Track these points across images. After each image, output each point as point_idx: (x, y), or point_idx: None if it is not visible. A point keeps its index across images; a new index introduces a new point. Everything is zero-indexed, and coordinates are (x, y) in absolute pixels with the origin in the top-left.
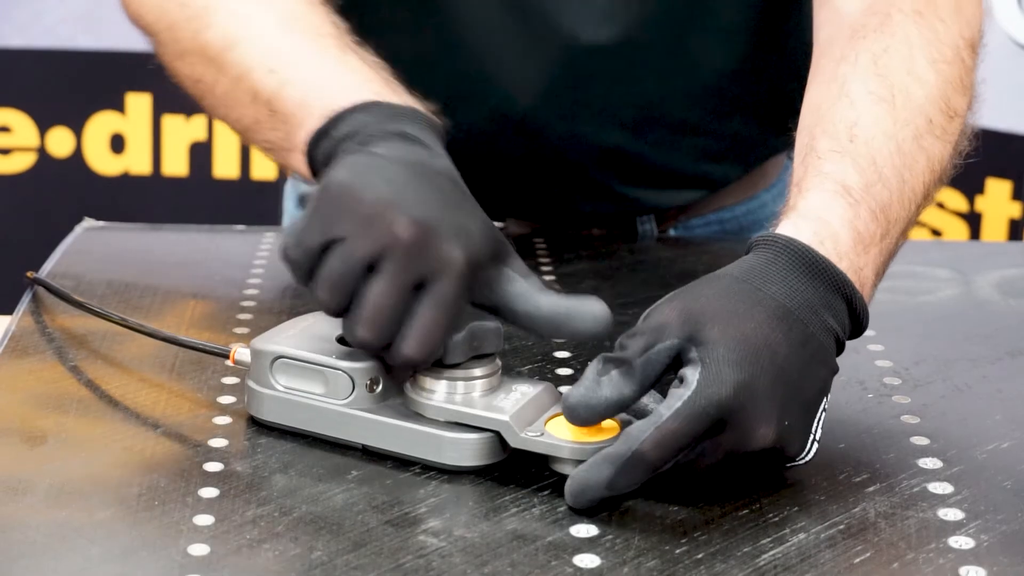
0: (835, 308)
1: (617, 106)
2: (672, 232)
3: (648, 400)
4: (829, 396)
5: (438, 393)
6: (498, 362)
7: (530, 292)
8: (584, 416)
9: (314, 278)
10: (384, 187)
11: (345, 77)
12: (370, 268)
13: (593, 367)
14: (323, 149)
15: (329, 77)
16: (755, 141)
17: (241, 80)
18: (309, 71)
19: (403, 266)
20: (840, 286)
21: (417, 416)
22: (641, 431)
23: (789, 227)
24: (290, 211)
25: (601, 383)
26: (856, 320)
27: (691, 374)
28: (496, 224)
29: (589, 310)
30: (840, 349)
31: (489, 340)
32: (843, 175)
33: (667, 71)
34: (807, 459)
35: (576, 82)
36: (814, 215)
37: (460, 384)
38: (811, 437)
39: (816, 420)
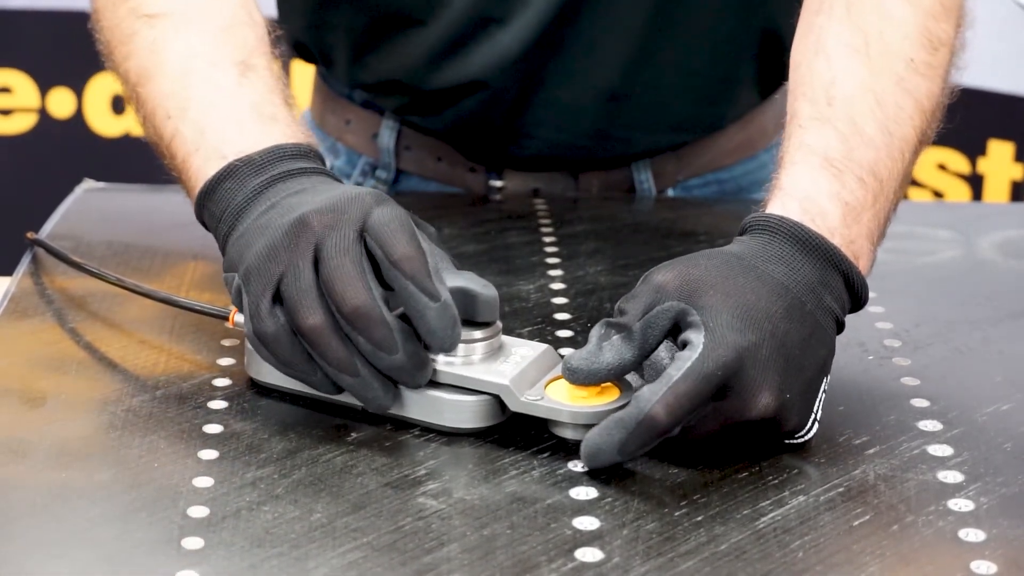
0: (833, 286)
1: (610, 46)
2: (671, 192)
3: (664, 353)
4: (829, 377)
5: (438, 356)
6: (499, 325)
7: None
8: (584, 380)
9: (299, 326)
10: (275, 220)
11: (220, 130)
12: (317, 272)
13: (596, 331)
14: (210, 224)
15: (207, 131)
16: (749, 82)
17: (149, 119)
18: (192, 124)
19: (335, 229)
20: (836, 262)
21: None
22: (653, 393)
23: (777, 206)
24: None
25: (603, 348)
26: (855, 294)
27: (695, 337)
28: (496, 182)
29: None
30: (840, 329)
31: (483, 310)
32: (824, 145)
33: (660, 8)
34: (806, 437)
35: (569, 22)
36: (800, 193)
37: (460, 347)
38: (812, 416)
39: (817, 400)
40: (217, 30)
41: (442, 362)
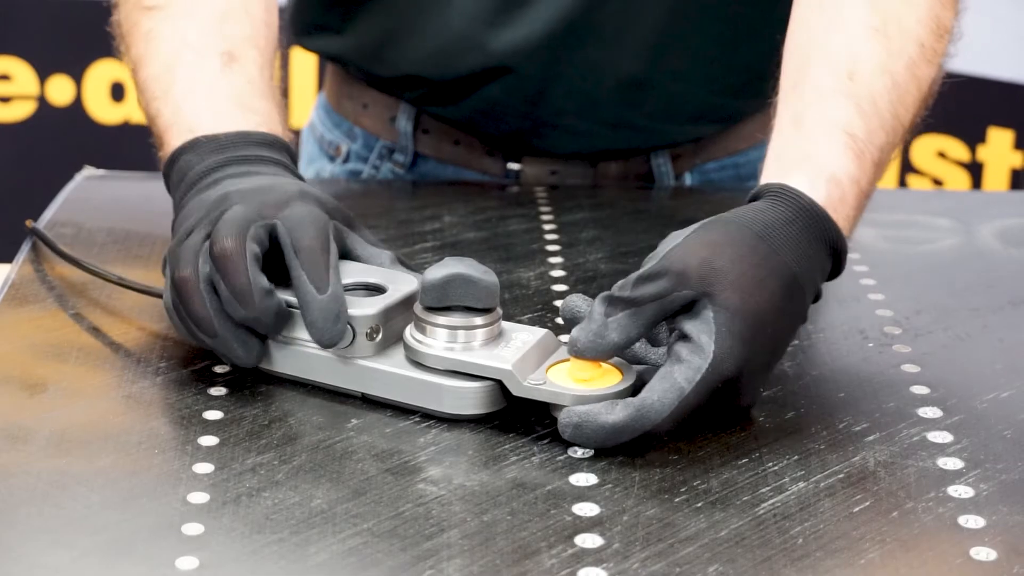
0: (825, 268)
1: (632, 32)
2: (688, 177)
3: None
4: None
5: (438, 342)
6: (499, 311)
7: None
8: (591, 358)
9: (172, 280)
10: (209, 197)
11: (195, 112)
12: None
13: (599, 308)
14: (170, 192)
15: (182, 111)
16: (769, 75)
17: (142, 101)
18: (172, 104)
19: (245, 203)
20: (840, 252)
21: (417, 365)
22: (663, 405)
23: (804, 182)
24: (309, 152)
25: (609, 326)
26: (834, 273)
27: (706, 341)
28: (513, 165)
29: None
30: (815, 299)
31: (483, 296)
32: (850, 122)
33: None
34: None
35: (592, 7)
36: (828, 172)
37: (460, 333)
38: None
39: None
40: (208, 21)
41: (442, 348)
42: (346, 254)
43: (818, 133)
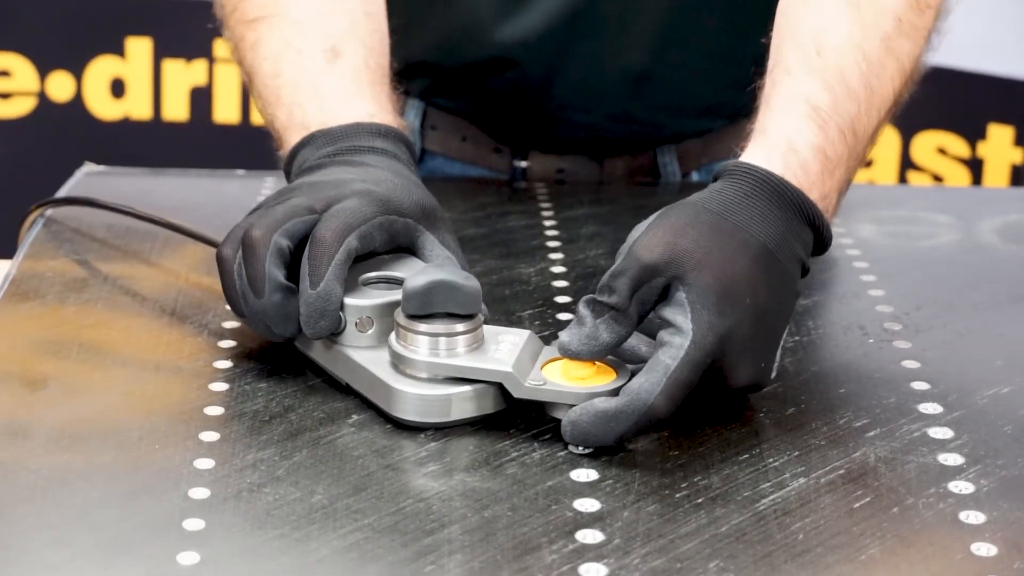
0: (804, 238)
1: (637, 25)
2: (695, 175)
3: (633, 341)
4: (791, 323)
5: (422, 349)
6: (480, 317)
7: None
8: (588, 359)
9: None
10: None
11: (305, 108)
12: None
13: (586, 310)
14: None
15: (294, 112)
16: None
17: (260, 109)
18: (285, 108)
19: (304, 194)
20: (811, 217)
21: (392, 366)
22: (652, 385)
23: (760, 156)
24: None
25: (599, 327)
26: (820, 243)
27: (682, 321)
28: (521, 163)
29: None
30: (804, 273)
31: (465, 302)
32: (813, 95)
33: None
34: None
35: None
36: (784, 144)
37: (442, 340)
38: (775, 368)
39: (778, 350)
40: (306, 21)
41: (426, 353)
42: (414, 251)
43: (779, 109)
